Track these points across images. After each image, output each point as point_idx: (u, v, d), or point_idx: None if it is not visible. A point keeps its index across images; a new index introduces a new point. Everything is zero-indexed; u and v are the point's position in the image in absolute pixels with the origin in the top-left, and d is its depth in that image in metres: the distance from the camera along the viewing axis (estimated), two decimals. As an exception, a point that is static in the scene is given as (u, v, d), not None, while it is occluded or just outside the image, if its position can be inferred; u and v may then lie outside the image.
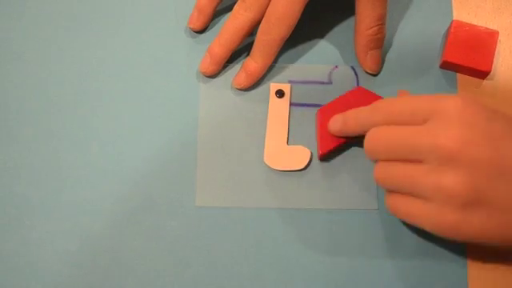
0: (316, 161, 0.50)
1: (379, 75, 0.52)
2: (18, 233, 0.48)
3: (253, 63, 0.51)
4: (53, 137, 0.51)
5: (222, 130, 0.51)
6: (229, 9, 0.52)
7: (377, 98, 0.49)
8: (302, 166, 0.49)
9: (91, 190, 0.49)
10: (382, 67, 0.52)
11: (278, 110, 0.51)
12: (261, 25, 0.50)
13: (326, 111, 0.50)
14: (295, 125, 0.51)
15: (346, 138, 0.49)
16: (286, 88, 0.52)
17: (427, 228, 0.42)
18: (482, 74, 0.52)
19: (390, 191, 0.45)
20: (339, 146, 0.49)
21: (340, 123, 0.48)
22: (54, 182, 0.50)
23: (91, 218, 0.49)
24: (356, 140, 0.48)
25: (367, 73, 0.52)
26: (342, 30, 0.54)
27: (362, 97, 0.50)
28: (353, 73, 0.52)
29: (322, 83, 0.52)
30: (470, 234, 0.42)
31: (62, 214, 0.49)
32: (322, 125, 0.49)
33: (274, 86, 0.52)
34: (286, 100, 0.51)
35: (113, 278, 0.48)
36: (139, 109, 0.51)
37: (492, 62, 0.51)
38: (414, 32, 0.53)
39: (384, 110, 0.45)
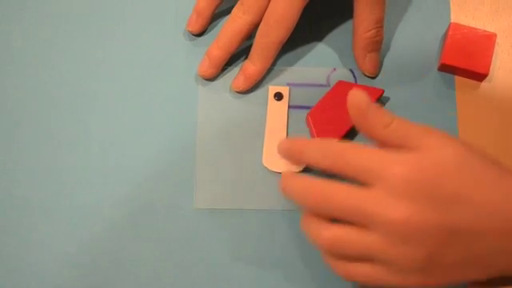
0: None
1: (377, 78, 0.52)
2: (18, 235, 0.48)
3: (251, 66, 0.51)
4: (52, 139, 0.51)
5: (220, 133, 0.51)
6: (227, 12, 0.52)
7: (360, 88, 0.49)
8: (301, 168, 0.49)
9: (91, 192, 0.49)
10: (380, 70, 0.52)
11: (277, 112, 0.51)
12: (259, 27, 0.50)
13: (316, 113, 0.50)
14: (294, 127, 0.51)
15: (345, 132, 0.49)
16: (285, 91, 0.52)
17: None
18: (480, 77, 0.52)
19: (336, 257, 0.43)
20: None
21: (286, 150, 0.47)
22: (54, 184, 0.50)
23: (91, 221, 0.49)
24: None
25: (365, 75, 0.52)
26: (340, 32, 0.54)
27: (346, 90, 0.50)
28: (351, 75, 0.52)
29: (321, 86, 0.52)
30: (436, 286, 0.42)
31: (62, 216, 0.49)
32: (316, 127, 0.49)
33: (272, 89, 0.52)
34: (284, 103, 0.51)
35: (112, 280, 0.48)
36: (138, 111, 0.51)
37: (490, 65, 0.51)
38: (412, 35, 0.54)
39: (332, 158, 0.43)
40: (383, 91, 0.50)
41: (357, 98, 0.44)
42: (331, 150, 0.44)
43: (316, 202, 0.42)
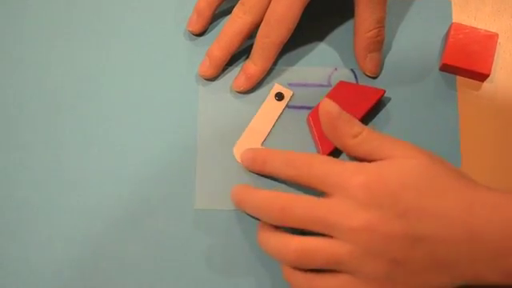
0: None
1: (379, 78, 0.52)
2: (18, 236, 0.48)
3: (252, 66, 0.51)
4: (52, 140, 0.51)
5: (221, 133, 0.51)
6: (228, 12, 0.52)
7: (361, 88, 0.50)
8: None
9: (91, 193, 0.49)
10: (381, 70, 0.52)
11: (271, 110, 0.51)
12: (260, 28, 0.50)
13: (317, 113, 0.49)
14: (294, 127, 0.51)
15: None
16: (288, 93, 0.51)
17: None
18: (482, 77, 0.52)
19: (304, 270, 0.44)
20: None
21: (249, 161, 0.48)
22: (54, 185, 0.50)
23: (91, 221, 0.49)
24: None
25: (367, 75, 0.52)
26: (341, 32, 0.53)
27: (348, 90, 0.50)
28: (352, 75, 0.52)
29: (322, 86, 0.52)
30: None
31: (62, 216, 0.49)
32: (317, 127, 0.49)
33: (277, 87, 0.52)
34: (281, 104, 0.51)
35: (113, 282, 0.48)
36: (138, 112, 0.51)
37: (491, 65, 0.51)
38: (413, 35, 0.53)
39: (295, 168, 0.45)
40: (384, 91, 0.50)
41: (329, 106, 0.45)
42: (295, 160, 0.45)
43: (278, 215, 0.43)
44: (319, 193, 0.44)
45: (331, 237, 0.42)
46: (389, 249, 0.40)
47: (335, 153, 0.49)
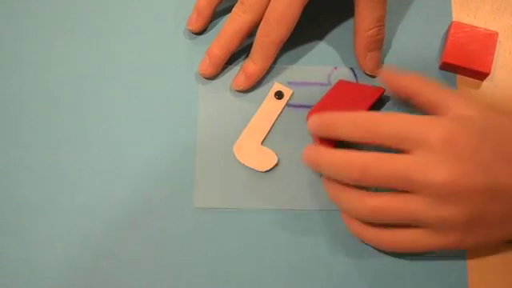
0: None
1: (378, 77, 0.52)
2: (18, 235, 0.48)
3: (252, 65, 0.51)
4: (52, 139, 0.51)
5: (220, 132, 0.51)
6: (228, 10, 0.52)
7: (361, 87, 0.50)
8: (264, 170, 0.50)
9: (91, 192, 0.49)
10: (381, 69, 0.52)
11: (270, 109, 0.51)
12: (260, 26, 0.50)
13: (316, 112, 0.49)
14: (294, 126, 0.51)
15: None
16: (288, 92, 0.51)
17: (431, 251, 0.44)
18: (482, 76, 0.52)
19: (375, 225, 0.44)
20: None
21: (316, 126, 0.47)
22: (54, 184, 0.50)
23: (91, 221, 0.49)
24: None
25: (367, 74, 0.52)
26: (341, 31, 0.53)
27: (347, 89, 0.50)
28: (352, 74, 0.52)
29: (322, 84, 0.52)
30: (472, 246, 0.44)
31: (62, 216, 0.49)
32: None
33: (277, 86, 0.52)
34: (281, 103, 0.51)
35: (112, 280, 0.48)
36: (138, 110, 0.51)
37: (491, 64, 0.51)
38: (413, 33, 0.53)
39: (366, 128, 0.43)
40: (384, 90, 0.50)
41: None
42: (363, 121, 0.44)
43: (358, 175, 0.42)
44: (393, 151, 0.43)
45: (406, 191, 0.42)
46: (469, 202, 0.41)
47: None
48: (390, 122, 0.43)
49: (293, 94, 0.52)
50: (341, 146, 0.48)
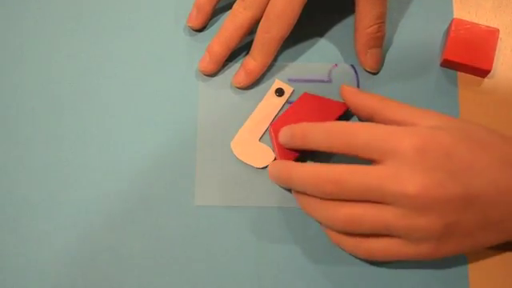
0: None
1: (379, 74, 0.52)
2: (17, 232, 0.48)
3: (252, 62, 0.51)
4: (51, 136, 0.50)
5: (221, 129, 0.51)
6: (228, 7, 0.52)
7: (326, 101, 0.49)
8: (261, 166, 0.49)
9: (90, 189, 0.49)
10: (382, 66, 0.52)
11: (270, 106, 0.51)
12: (260, 23, 0.50)
13: (279, 125, 0.48)
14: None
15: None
16: (288, 90, 0.51)
17: (405, 260, 0.44)
18: (483, 73, 0.52)
19: (352, 234, 0.44)
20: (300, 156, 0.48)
21: (288, 137, 0.47)
22: (53, 181, 0.49)
23: (90, 218, 0.49)
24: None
25: (367, 71, 0.52)
26: (341, 28, 0.53)
27: (312, 103, 0.49)
28: (353, 71, 0.52)
29: (322, 81, 0.52)
30: (446, 255, 0.43)
31: (61, 213, 0.49)
32: (277, 139, 0.48)
33: (278, 83, 0.51)
34: (281, 100, 0.51)
35: (112, 278, 0.47)
36: (138, 107, 0.51)
37: (493, 61, 0.51)
38: (414, 30, 0.53)
39: (340, 139, 0.43)
40: (347, 108, 0.49)
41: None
42: (337, 131, 0.44)
43: (332, 189, 0.42)
44: (365, 162, 0.42)
45: (383, 203, 0.41)
46: (443, 212, 0.40)
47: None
48: (363, 132, 0.43)
49: (293, 91, 0.51)
50: (301, 158, 0.48)
